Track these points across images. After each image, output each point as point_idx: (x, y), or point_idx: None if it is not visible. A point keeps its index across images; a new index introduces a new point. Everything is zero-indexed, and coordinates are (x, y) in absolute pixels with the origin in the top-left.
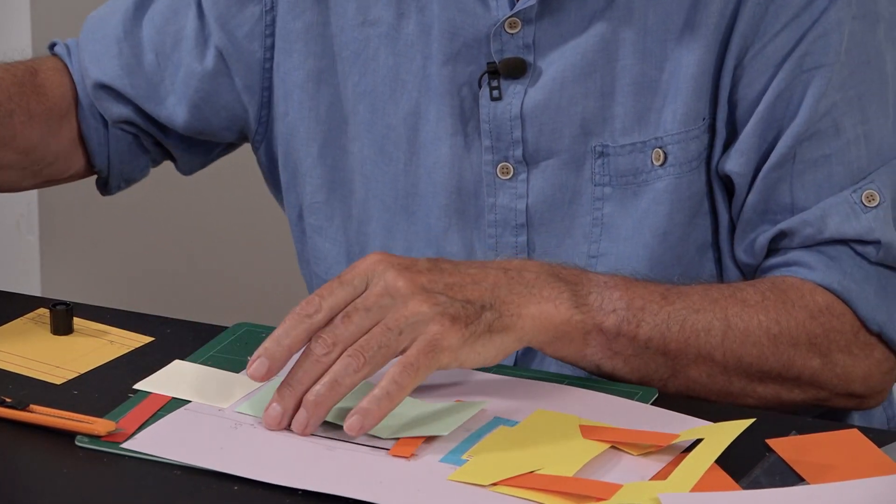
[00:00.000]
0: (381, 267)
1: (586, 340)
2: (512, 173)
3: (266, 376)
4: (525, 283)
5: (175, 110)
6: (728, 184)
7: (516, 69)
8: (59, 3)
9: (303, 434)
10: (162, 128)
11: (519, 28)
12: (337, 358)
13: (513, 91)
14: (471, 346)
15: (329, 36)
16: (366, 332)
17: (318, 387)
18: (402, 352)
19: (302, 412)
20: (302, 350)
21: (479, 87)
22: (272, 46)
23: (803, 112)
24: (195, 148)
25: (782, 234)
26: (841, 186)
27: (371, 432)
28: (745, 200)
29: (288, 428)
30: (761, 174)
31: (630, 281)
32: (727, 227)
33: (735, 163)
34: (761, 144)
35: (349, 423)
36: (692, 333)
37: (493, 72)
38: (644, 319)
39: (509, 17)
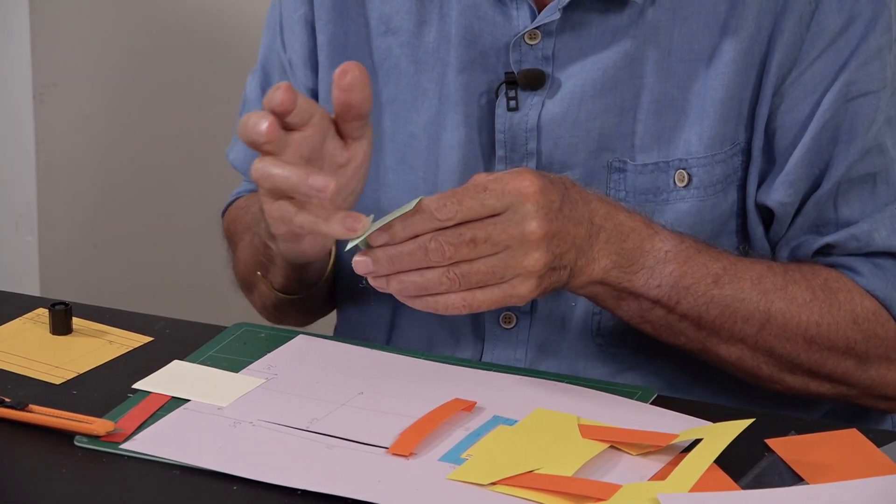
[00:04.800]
0: (530, 205)
1: (620, 305)
2: None
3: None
4: (595, 246)
5: None
6: (766, 210)
7: (535, 80)
8: (59, 3)
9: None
10: None
11: (539, 40)
12: (444, 265)
13: (530, 102)
14: (525, 298)
15: (350, 47)
16: (480, 258)
17: (408, 285)
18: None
19: (392, 283)
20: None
21: (497, 96)
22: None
23: (856, 141)
24: None
25: (829, 246)
26: (885, 202)
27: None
28: (790, 223)
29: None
30: (811, 200)
31: (691, 255)
32: (759, 248)
33: (783, 193)
34: (810, 174)
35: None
36: (730, 319)
37: (511, 82)
38: (685, 298)
39: (530, 28)
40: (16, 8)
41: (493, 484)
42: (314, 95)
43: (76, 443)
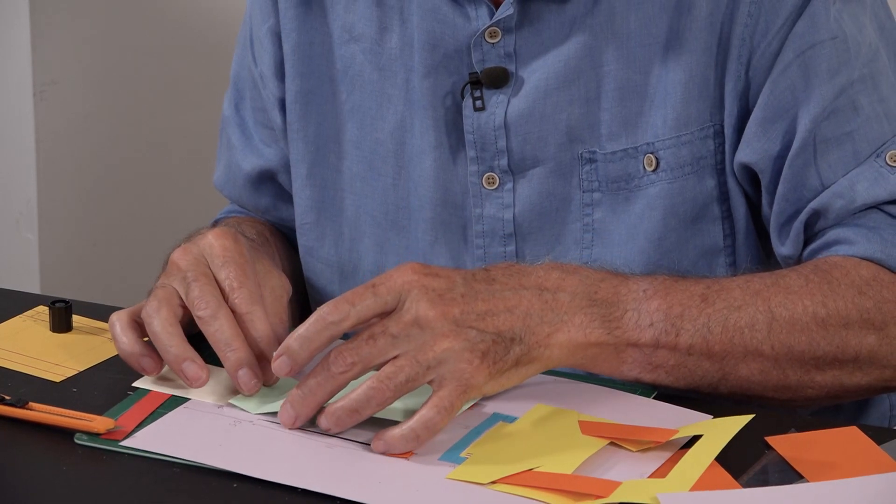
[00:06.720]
0: (416, 291)
1: (621, 358)
2: (498, 183)
3: (288, 374)
4: (558, 310)
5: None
6: (754, 181)
7: (498, 79)
8: (59, 2)
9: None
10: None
11: (499, 37)
12: (353, 376)
13: (496, 101)
14: (496, 380)
15: (314, 56)
16: (386, 357)
17: (338, 410)
18: (429, 382)
19: (322, 421)
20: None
21: (462, 97)
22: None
23: (815, 93)
24: None
25: (816, 215)
26: (865, 159)
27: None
28: (775, 193)
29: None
30: (787, 162)
31: (670, 284)
32: (745, 230)
33: (742, 153)
34: (766, 131)
35: (374, 444)
36: (736, 332)
37: (476, 82)
38: (683, 327)
39: (489, 26)
40: (16, 7)
41: (493, 483)
42: (284, 106)
43: (76, 440)
